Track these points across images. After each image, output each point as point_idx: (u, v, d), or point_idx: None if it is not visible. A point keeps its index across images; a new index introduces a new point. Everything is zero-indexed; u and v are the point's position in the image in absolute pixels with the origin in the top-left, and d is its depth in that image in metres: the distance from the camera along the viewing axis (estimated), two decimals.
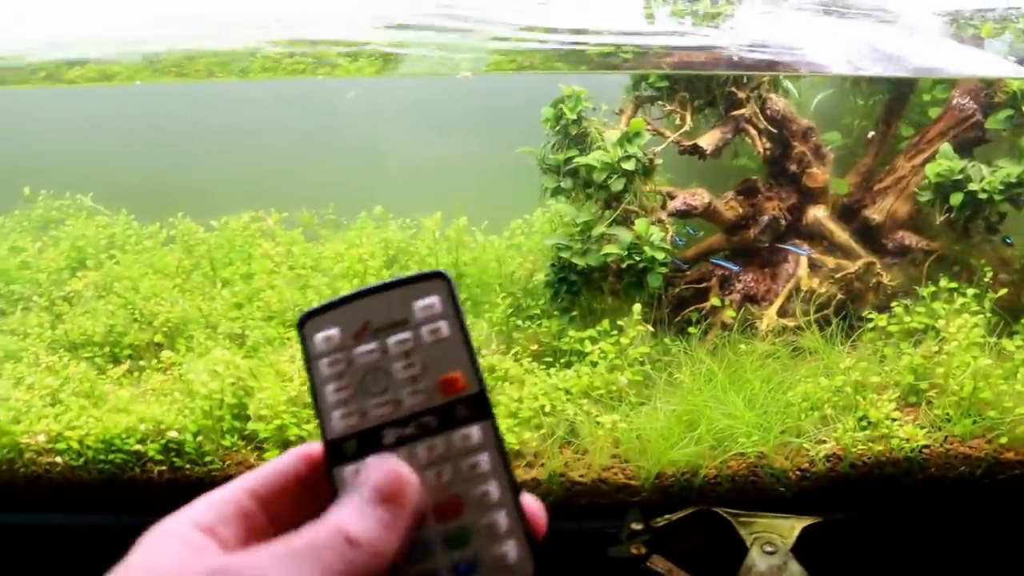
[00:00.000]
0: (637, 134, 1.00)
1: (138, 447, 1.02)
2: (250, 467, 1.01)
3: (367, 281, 1.15)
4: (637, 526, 1.00)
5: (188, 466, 1.03)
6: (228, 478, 0.71)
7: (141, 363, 1.13)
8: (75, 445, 1.03)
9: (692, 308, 1.09)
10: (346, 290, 1.02)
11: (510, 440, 0.98)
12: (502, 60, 1.06)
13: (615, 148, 0.99)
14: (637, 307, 1.01)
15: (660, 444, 0.99)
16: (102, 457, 1.03)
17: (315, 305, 0.35)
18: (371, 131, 1.34)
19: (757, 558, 0.94)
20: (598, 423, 0.99)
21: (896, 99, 1.08)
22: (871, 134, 1.12)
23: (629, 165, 0.98)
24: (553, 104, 1.04)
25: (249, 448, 1.03)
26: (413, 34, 1.09)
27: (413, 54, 1.08)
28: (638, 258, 1.00)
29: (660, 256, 0.99)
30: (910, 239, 1.08)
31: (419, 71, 1.10)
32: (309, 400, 0.36)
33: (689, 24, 1.06)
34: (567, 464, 0.99)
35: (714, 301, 1.09)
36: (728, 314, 1.08)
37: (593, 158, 1.00)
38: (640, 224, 1.00)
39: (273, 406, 0.99)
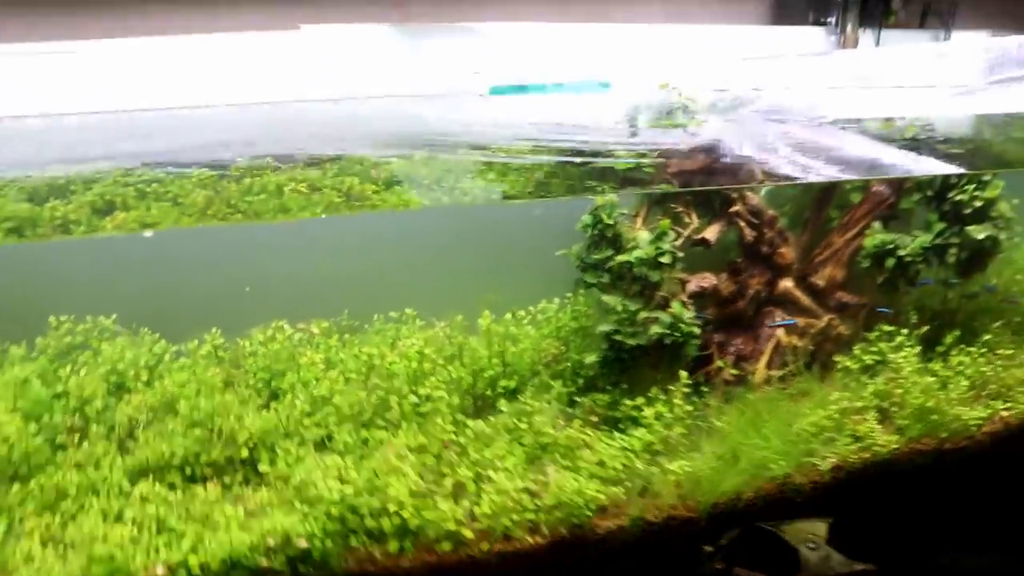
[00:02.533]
0: (665, 233, 1.25)
1: (261, 562, 1.08)
2: (375, 563, 1.12)
3: (428, 378, 1.28)
4: (708, 548, 1.22)
5: (312, 571, 1.10)
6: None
7: (225, 479, 1.18)
8: (197, 572, 1.06)
9: (702, 370, 1.34)
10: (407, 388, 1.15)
11: (599, 497, 1.17)
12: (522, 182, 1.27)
13: (651, 246, 1.24)
14: (684, 374, 1.25)
15: (711, 481, 1.23)
16: None
17: None
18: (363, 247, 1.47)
19: (808, 555, 1.20)
20: (666, 471, 1.21)
21: (825, 189, 1.42)
22: (806, 216, 1.45)
23: (665, 259, 1.23)
24: (590, 212, 1.27)
25: (373, 544, 1.12)
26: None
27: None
28: (678, 334, 1.24)
29: (695, 331, 1.25)
30: (847, 297, 1.42)
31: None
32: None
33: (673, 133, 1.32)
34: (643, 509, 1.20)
35: (719, 363, 1.36)
36: (730, 371, 1.35)
37: (634, 256, 1.23)
38: (675, 306, 1.25)
39: (397, 499, 1.10)
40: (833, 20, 1.72)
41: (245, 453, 1.20)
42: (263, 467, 1.18)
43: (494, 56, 1.35)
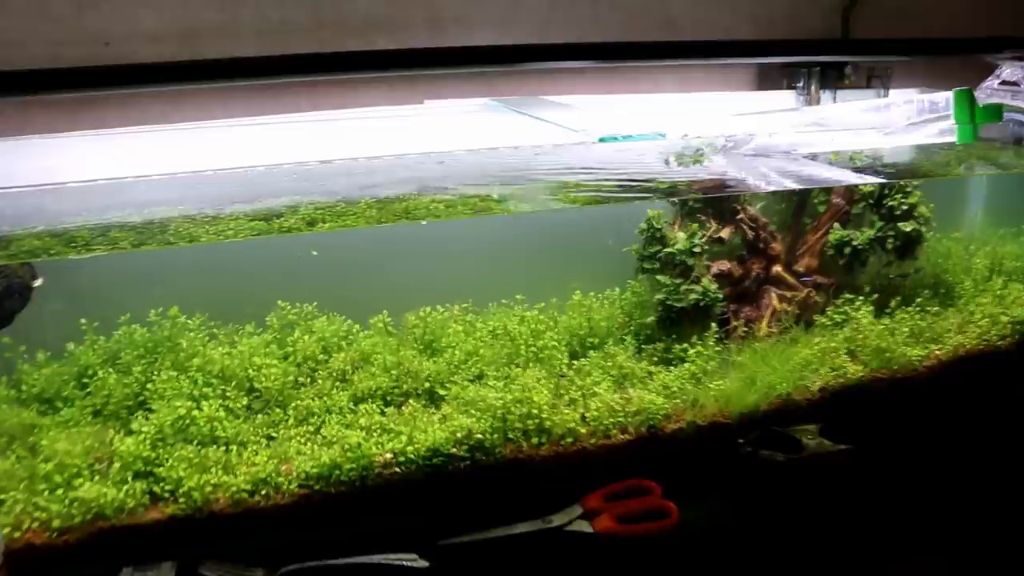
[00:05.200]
0: (695, 233, 1.87)
1: (452, 450, 1.66)
2: (522, 451, 1.70)
3: (542, 335, 1.88)
4: (740, 441, 1.81)
5: (485, 458, 1.68)
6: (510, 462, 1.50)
7: (417, 402, 1.75)
8: (411, 455, 1.64)
9: (723, 329, 1.95)
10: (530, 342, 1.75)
11: (665, 407, 1.76)
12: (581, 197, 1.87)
13: (686, 242, 1.86)
14: (713, 325, 1.86)
15: (738, 396, 1.83)
16: (428, 463, 1.64)
17: None
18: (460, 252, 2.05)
19: (807, 442, 1.79)
20: (707, 390, 1.81)
21: (800, 203, 2.05)
22: (788, 223, 2.08)
23: (696, 250, 1.86)
24: (645, 221, 1.89)
25: (524, 438, 1.70)
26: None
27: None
28: (708, 299, 1.86)
29: (720, 297, 1.87)
30: (820, 279, 2.05)
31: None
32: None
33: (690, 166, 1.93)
34: (694, 416, 1.79)
35: (734, 323, 1.97)
36: (742, 329, 1.96)
37: (676, 248, 1.86)
38: (705, 282, 1.87)
39: (538, 405, 1.68)
40: (803, 84, 2.37)
41: (427, 385, 1.79)
42: (442, 392, 1.76)
43: (572, 117, 1.97)
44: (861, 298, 1.98)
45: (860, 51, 2.54)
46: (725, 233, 1.91)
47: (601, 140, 1.56)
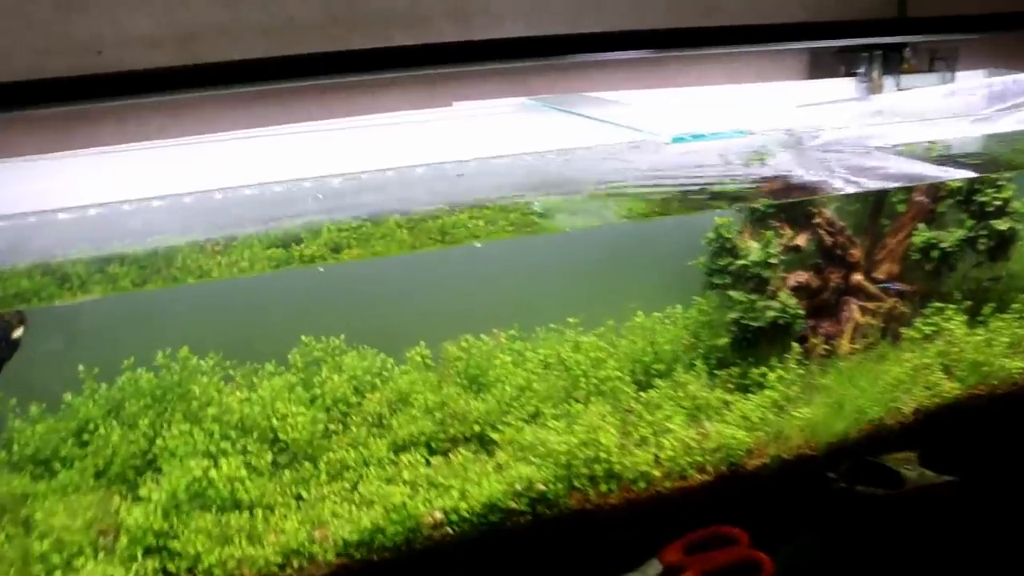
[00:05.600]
0: (770, 242, 1.66)
1: (511, 504, 1.44)
2: (590, 501, 1.49)
3: (603, 364, 1.67)
4: (831, 475, 1.60)
5: (548, 511, 1.46)
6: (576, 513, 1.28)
7: (467, 448, 1.54)
8: (465, 514, 1.42)
9: (802, 347, 1.74)
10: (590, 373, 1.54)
11: (747, 441, 1.55)
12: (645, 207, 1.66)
13: (761, 252, 1.64)
14: (795, 345, 1.65)
15: (825, 425, 1.61)
16: (483, 520, 1.43)
17: None
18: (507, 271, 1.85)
19: (907, 474, 1.58)
20: (792, 419, 1.60)
21: (878, 202, 1.84)
22: (864, 225, 1.87)
23: (773, 261, 1.64)
24: (713, 229, 1.68)
25: (591, 486, 1.49)
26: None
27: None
28: (788, 316, 1.64)
29: (801, 313, 1.65)
30: (904, 287, 1.84)
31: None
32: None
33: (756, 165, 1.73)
34: (778, 449, 1.58)
35: (813, 340, 1.75)
36: (822, 347, 1.75)
37: (750, 261, 1.64)
38: (783, 296, 1.65)
39: (607, 448, 1.47)
40: (863, 70, 2.15)
41: (477, 428, 1.57)
42: (495, 435, 1.55)
43: (629, 114, 1.75)
44: (952, 306, 1.76)
45: (920, 30, 2.33)
46: (801, 240, 1.70)
47: (676, 140, 1.34)
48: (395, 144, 1.85)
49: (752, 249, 1.65)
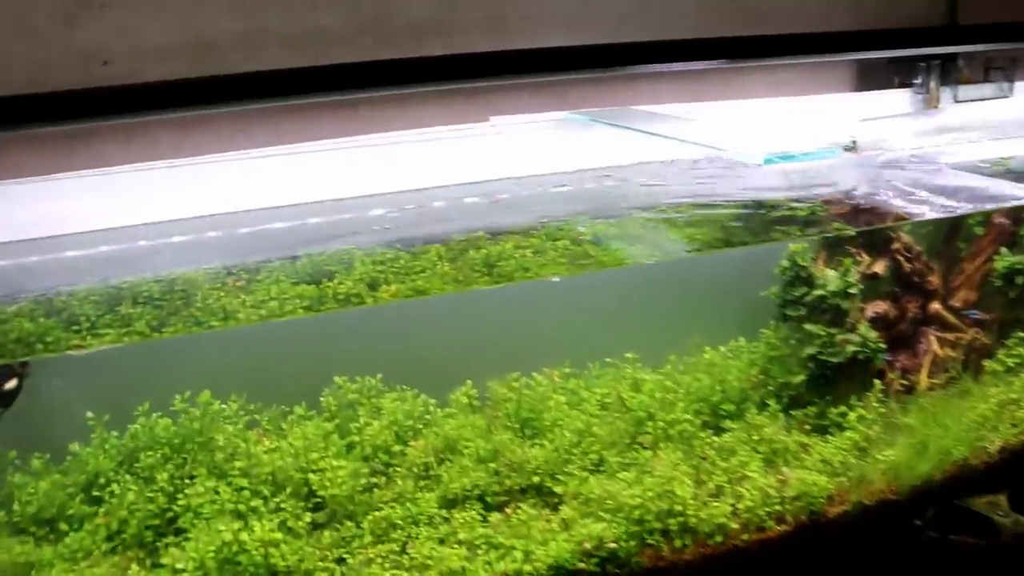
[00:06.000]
0: (849, 270, 1.53)
1: (580, 565, 1.30)
2: (663, 558, 1.35)
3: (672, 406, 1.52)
4: (918, 522, 1.47)
5: (618, 570, 1.32)
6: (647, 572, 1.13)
7: (526, 503, 1.40)
8: None
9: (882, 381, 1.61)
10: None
11: (828, 487, 1.42)
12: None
13: (840, 282, 1.51)
14: (877, 382, 1.51)
15: (908, 467, 1.49)
16: None
17: None
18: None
19: (1001, 521, 1.45)
20: (875, 462, 1.47)
21: (954, 225, 1.72)
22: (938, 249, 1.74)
23: (853, 291, 1.51)
24: (787, 257, 1.54)
25: (665, 541, 1.35)
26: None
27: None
28: (868, 350, 1.51)
29: (882, 346, 1.52)
30: (981, 315, 1.71)
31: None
32: None
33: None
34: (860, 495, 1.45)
35: (891, 375, 1.63)
36: (900, 382, 1.62)
37: (828, 290, 1.51)
38: (862, 328, 1.52)
39: (683, 500, 1.33)
40: (919, 81, 2.02)
41: (536, 479, 1.42)
42: (557, 488, 1.40)
43: (691, 130, 1.61)
44: None
45: (972, 39, 2.21)
46: (879, 267, 1.57)
47: (768, 161, 1.21)
48: (429, 162, 1.70)
49: (829, 278, 1.52)
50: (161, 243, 1.40)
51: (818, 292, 1.50)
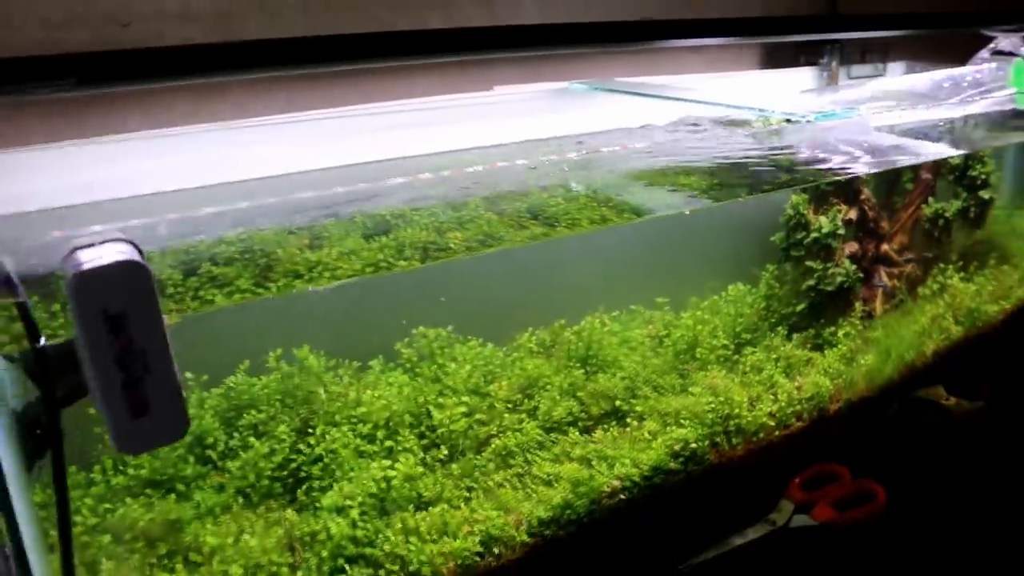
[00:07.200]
0: (836, 216, 1.87)
1: (671, 465, 1.54)
2: (723, 455, 1.62)
3: (708, 339, 1.79)
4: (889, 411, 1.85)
5: (695, 467, 1.57)
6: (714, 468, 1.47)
7: (614, 421, 1.61)
8: (637, 479, 1.49)
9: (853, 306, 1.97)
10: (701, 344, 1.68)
11: (830, 388, 1.76)
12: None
13: (831, 224, 1.85)
14: (858, 305, 1.88)
15: (879, 370, 1.87)
16: (649, 483, 1.51)
17: None
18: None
19: (947, 404, 1.87)
20: (857, 367, 1.83)
21: (892, 180, 2.12)
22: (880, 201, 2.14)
23: (840, 232, 1.85)
24: (791, 206, 1.85)
25: (726, 441, 1.61)
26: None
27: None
28: (851, 280, 1.87)
29: (861, 276, 1.88)
30: (912, 254, 2.13)
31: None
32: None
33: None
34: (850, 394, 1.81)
35: (857, 302, 2.00)
36: (862, 308, 2.00)
37: (822, 233, 1.84)
38: (845, 264, 1.88)
39: (740, 403, 1.61)
40: (825, 61, 2.41)
41: (618, 403, 1.64)
42: (639, 407, 1.62)
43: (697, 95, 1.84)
44: (951, 266, 2.09)
45: (851, 27, 2.66)
46: (853, 214, 1.92)
47: (818, 119, 1.48)
48: (450, 126, 1.81)
49: (823, 223, 1.85)
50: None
51: (814, 234, 1.83)
